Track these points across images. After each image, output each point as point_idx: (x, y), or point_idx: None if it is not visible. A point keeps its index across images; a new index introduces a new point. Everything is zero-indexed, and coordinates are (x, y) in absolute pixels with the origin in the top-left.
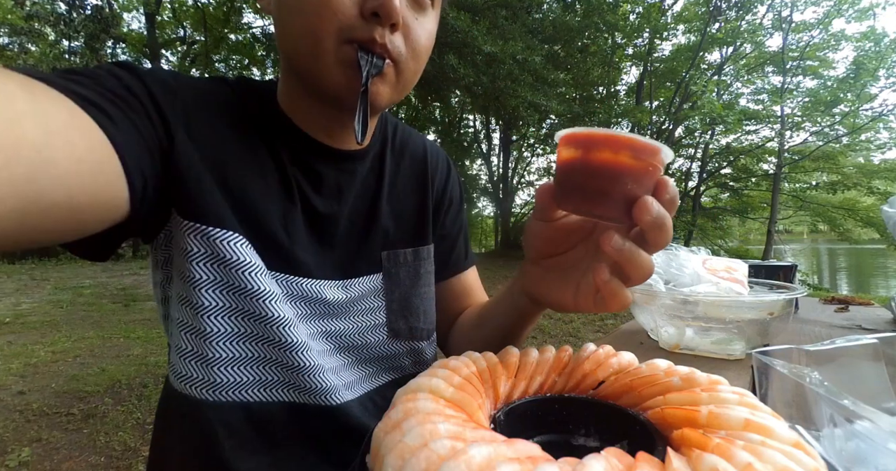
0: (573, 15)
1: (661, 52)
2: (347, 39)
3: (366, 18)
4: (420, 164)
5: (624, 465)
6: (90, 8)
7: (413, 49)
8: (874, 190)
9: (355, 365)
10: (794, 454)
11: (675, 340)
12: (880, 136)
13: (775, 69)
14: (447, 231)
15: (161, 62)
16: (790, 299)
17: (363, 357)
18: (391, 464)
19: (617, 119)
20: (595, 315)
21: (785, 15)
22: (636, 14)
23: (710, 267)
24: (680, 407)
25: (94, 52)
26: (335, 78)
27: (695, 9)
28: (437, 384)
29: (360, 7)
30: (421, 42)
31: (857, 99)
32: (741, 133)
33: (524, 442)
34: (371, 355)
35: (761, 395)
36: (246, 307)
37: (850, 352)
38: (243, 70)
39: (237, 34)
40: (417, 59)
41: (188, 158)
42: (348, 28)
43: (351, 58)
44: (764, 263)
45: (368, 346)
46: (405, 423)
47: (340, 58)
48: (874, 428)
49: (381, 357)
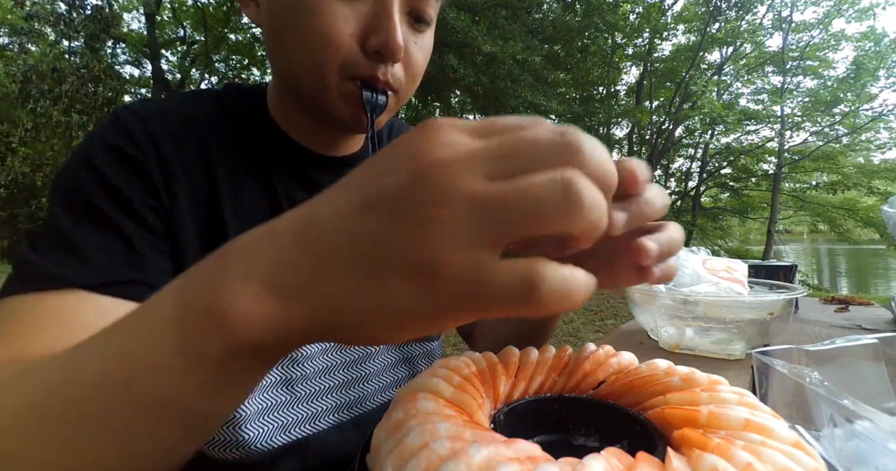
0: (573, 15)
1: (661, 52)
2: (350, 76)
3: (368, 55)
4: None
5: (624, 465)
6: (90, 8)
7: (412, 74)
8: (874, 190)
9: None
10: (795, 454)
11: (675, 340)
12: (880, 136)
13: (775, 69)
14: None
15: (161, 62)
16: (790, 299)
17: (378, 366)
18: (391, 464)
19: (617, 119)
20: (595, 315)
21: (785, 15)
22: (636, 14)
23: (710, 267)
24: (680, 407)
25: (94, 52)
26: (339, 111)
27: (695, 9)
28: (437, 384)
29: (362, 43)
30: (420, 65)
31: (857, 99)
32: (741, 133)
33: (524, 442)
34: (385, 362)
35: (761, 395)
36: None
37: (850, 352)
38: (243, 70)
39: (237, 34)
40: (415, 80)
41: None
42: (351, 64)
43: (354, 95)
44: (764, 263)
45: (379, 352)
46: (405, 423)
47: (344, 94)
48: (874, 428)
49: (394, 363)
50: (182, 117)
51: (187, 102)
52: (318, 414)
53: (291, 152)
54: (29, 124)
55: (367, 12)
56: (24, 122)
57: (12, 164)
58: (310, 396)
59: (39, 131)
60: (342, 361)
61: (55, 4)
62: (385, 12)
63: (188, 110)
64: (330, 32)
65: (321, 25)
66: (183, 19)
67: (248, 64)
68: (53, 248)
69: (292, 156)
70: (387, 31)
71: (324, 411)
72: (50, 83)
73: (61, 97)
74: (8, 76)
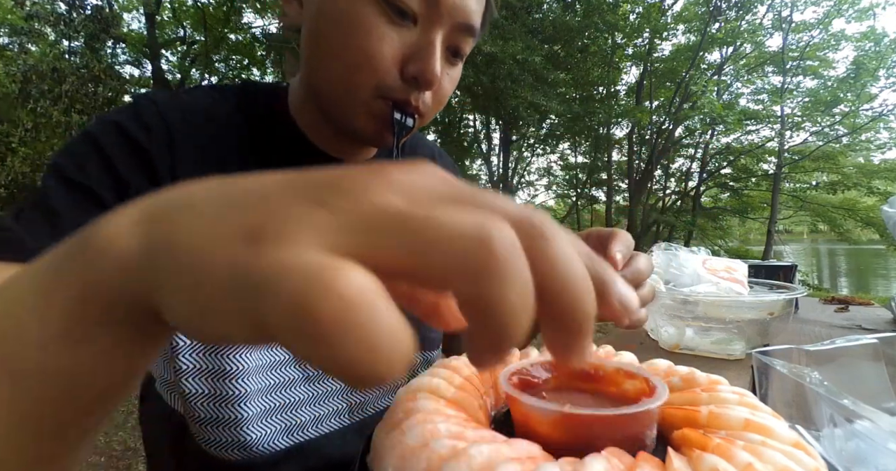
0: (573, 15)
1: (661, 52)
2: (382, 96)
3: (405, 80)
4: None
5: (624, 465)
6: (90, 8)
7: (438, 101)
8: (874, 190)
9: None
10: (795, 454)
11: (675, 340)
12: (880, 136)
13: (775, 69)
14: None
15: (161, 62)
16: (790, 299)
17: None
18: (392, 464)
19: (617, 119)
20: None
21: (785, 15)
22: (636, 14)
23: (710, 267)
24: (680, 407)
25: (94, 52)
26: (364, 127)
27: (695, 9)
28: (438, 384)
29: (401, 67)
30: (447, 94)
31: (857, 99)
32: (741, 133)
33: (525, 442)
34: None
35: (761, 395)
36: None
37: (850, 352)
38: (243, 70)
39: (237, 34)
40: (440, 106)
41: None
42: (386, 87)
43: (384, 114)
44: (764, 263)
45: None
46: (405, 423)
47: (373, 112)
48: (874, 428)
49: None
50: (201, 110)
51: (208, 97)
52: (320, 418)
53: (308, 154)
54: (29, 124)
55: (412, 40)
56: (24, 122)
57: (12, 164)
58: (313, 399)
59: (39, 131)
60: None
61: (55, 4)
62: (430, 43)
63: (208, 104)
64: (375, 54)
65: (367, 46)
66: (183, 19)
67: (248, 64)
68: (34, 220)
69: (308, 158)
70: (427, 61)
71: (326, 415)
72: (50, 83)
73: (61, 97)
74: (8, 76)
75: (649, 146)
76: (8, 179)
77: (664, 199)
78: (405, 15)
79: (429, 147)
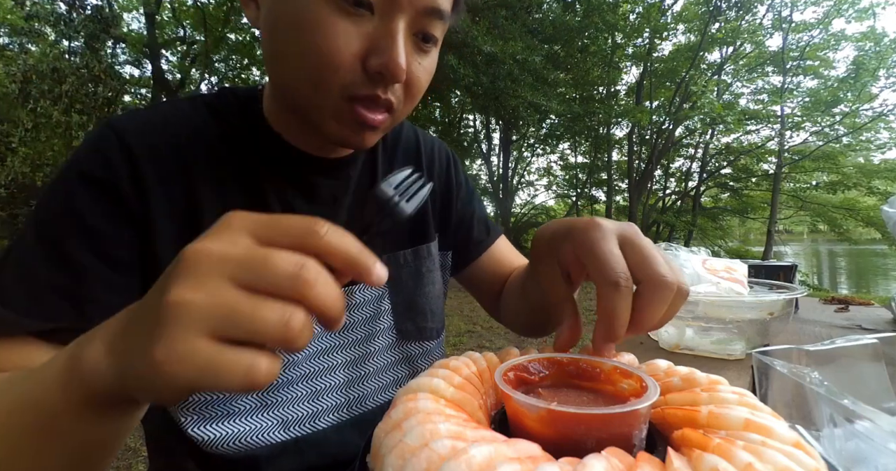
0: (573, 15)
1: (661, 52)
2: (348, 97)
3: (369, 75)
4: (413, 157)
5: (624, 465)
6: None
7: (412, 94)
8: (874, 190)
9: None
10: (795, 454)
11: (675, 340)
12: (880, 136)
13: (775, 69)
14: (461, 216)
15: (161, 62)
16: (790, 299)
17: (378, 366)
18: (392, 464)
19: (617, 119)
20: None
21: (785, 15)
22: (636, 14)
23: (710, 267)
24: (680, 407)
25: (94, 52)
26: (334, 132)
27: (695, 9)
28: (438, 384)
29: (363, 62)
30: (421, 85)
31: (857, 99)
32: (741, 133)
33: (525, 442)
34: (385, 361)
35: (761, 395)
36: None
37: (850, 352)
38: (243, 70)
39: (237, 34)
40: (414, 100)
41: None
42: (350, 84)
43: (349, 117)
44: (764, 263)
45: (380, 351)
46: (406, 423)
47: (341, 116)
48: (874, 428)
49: (394, 363)
50: (166, 128)
51: (177, 110)
52: (318, 413)
53: (286, 155)
54: (29, 124)
55: (371, 31)
56: (24, 122)
57: (12, 164)
58: (310, 394)
59: (39, 131)
60: (343, 360)
61: (55, 4)
62: (390, 33)
63: (176, 119)
64: (331, 52)
65: (322, 44)
66: (183, 19)
67: (247, 64)
68: (12, 284)
69: (287, 158)
70: (390, 53)
71: (324, 410)
72: (50, 83)
73: (61, 97)
74: (8, 76)
75: (649, 146)
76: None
77: (664, 199)
78: (360, 3)
79: (411, 132)
